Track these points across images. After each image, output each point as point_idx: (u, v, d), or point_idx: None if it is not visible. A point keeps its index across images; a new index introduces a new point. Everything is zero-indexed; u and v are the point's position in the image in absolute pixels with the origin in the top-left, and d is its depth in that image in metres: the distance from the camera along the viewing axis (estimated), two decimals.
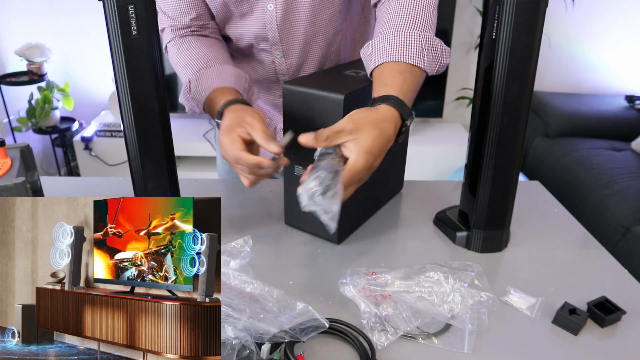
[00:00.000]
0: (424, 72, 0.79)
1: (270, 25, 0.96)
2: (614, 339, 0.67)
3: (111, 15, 0.66)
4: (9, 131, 2.73)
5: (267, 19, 0.95)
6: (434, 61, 0.79)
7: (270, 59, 1.03)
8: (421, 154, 2.64)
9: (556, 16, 2.75)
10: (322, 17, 0.97)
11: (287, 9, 0.94)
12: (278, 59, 1.02)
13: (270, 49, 1.01)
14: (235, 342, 0.56)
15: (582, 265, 0.83)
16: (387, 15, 0.83)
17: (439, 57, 0.80)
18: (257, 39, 0.99)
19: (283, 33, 0.97)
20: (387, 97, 0.72)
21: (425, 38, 0.78)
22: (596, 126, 2.57)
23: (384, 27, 0.81)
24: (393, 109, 0.71)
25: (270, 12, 0.94)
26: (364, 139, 0.66)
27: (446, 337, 0.66)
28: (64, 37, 2.74)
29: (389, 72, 0.76)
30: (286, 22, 0.96)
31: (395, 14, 0.81)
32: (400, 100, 0.72)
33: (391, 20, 0.81)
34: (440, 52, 0.80)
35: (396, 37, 0.78)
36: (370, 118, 0.68)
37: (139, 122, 0.72)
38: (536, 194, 1.08)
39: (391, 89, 0.73)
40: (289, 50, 1.01)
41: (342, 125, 0.67)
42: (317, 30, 0.99)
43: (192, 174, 2.74)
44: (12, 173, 0.75)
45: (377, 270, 0.76)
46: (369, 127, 0.67)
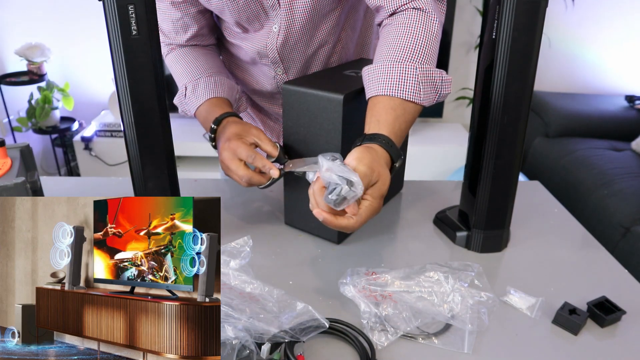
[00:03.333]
0: (420, 105, 0.78)
1: (271, 47, 0.96)
2: (614, 339, 0.67)
3: (111, 15, 0.66)
4: (9, 131, 2.73)
5: (269, 40, 0.96)
6: (432, 94, 0.78)
7: (271, 74, 1.03)
8: (421, 154, 2.64)
9: (556, 16, 2.75)
10: (321, 32, 0.97)
11: (288, 32, 0.93)
12: (279, 75, 1.03)
13: (272, 66, 1.01)
14: (235, 342, 0.56)
15: (582, 265, 0.83)
16: (387, 40, 0.81)
17: (438, 89, 0.78)
18: (259, 55, 1.00)
19: (283, 54, 0.98)
20: (377, 136, 0.72)
21: (424, 71, 0.76)
22: (596, 126, 2.57)
23: (384, 54, 0.79)
24: (383, 149, 0.71)
25: (274, 33, 0.94)
26: (380, 184, 0.69)
27: (446, 337, 0.66)
28: (64, 37, 2.74)
29: (382, 107, 0.75)
30: (287, 45, 0.96)
31: (396, 42, 0.79)
32: (390, 142, 0.72)
33: (391, 49, 0.79)
34: (440, 84, 0.78)
35: (393, 68, 0.76)
36: (378, 161, 0.69)
37: (139, 122, 0.72)
38: (536, 194, 1.08)
39: (383, 127, 0.73)
40: (290, 68, 1.01)
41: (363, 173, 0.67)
42: (317, 46, 0.99)
43: (192, 174, 2.73)
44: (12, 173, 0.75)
45: (377, 270, 0.76)
46: (384, 171, 0.69)
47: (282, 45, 0.96)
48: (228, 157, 0.83)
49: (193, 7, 0.96)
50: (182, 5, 0.95)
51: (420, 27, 0.79)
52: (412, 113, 0.77)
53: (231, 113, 0.92)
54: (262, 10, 0.91)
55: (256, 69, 1.06)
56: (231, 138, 0.84)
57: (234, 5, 0.90)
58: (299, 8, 0.90)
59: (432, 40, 0.79)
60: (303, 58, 1.00)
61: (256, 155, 0.82)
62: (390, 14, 0.84)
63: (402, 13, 0.82)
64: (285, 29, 0.93)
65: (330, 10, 0.94)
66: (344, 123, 0.78)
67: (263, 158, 0.83)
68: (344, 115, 0.77)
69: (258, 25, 0.95)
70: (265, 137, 0.85)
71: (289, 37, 0.95)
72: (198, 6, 0.95)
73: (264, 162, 0.82)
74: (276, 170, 0.82)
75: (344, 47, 1.03)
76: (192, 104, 0.97)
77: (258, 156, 0.82)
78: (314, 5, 0.90)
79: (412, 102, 0.76)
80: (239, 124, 0.88)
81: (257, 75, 1.07)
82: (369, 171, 0.66)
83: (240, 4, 0.89)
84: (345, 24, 1.00)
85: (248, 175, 0.82)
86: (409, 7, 0.81)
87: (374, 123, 0.74)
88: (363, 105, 0.82)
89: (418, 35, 0.78)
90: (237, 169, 0.82)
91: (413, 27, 0.79)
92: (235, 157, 0.83)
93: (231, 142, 0.83)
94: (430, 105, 0.80)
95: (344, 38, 1.02)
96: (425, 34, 0.79)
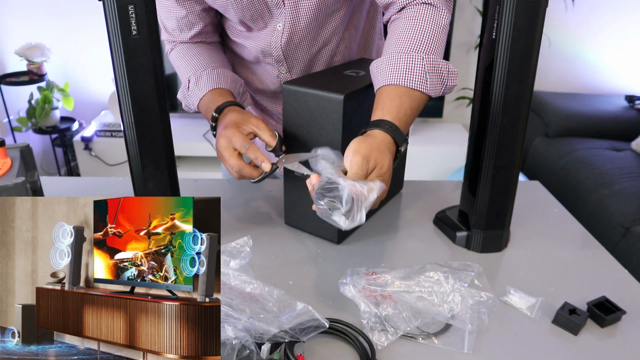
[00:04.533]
0: (426, 95, 0.78)
1: (275, 45, 0.96)
2: (614, 339, 0.67)
3: (111, 15, 0.66)
4: (9, 131, 2.73)
5: (273, 38, 0.96)
6: (438, 84, 0.78)
7: (275, 72, 1.03)
8: (421, 154, 2.64)
9: (556, 16, 2.75)
10: (325, 32, 0.97)
11: (293, 30, 0.94)
12: (283, 74, 1.03)
13: (275, 65, 1.01)
14: (235, 342, 0.56)
15: (582, 265, 0.83)
16: (395, 33, 0.82)
17: (444, 80, 0.79)
18: (263, 54, 1.00)
19: (287, 53, 0.98)
20: (381, 122, 0.72)
21: (430, 61, 0.77)
22: (596, 126, 2.57)
23: (391, 46, 0.80)
24: (387, 134, 0.71)
25: (278, 31, 0.94)
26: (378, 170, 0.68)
27: (446, 337, 0.66)
28: (64, 37, 2.74)
29: (387, 95, 0.76)
30: (291, 43, 0.96)
31: (404, 34, 0.80)
32: (394, 126, 0.72)
33: (399, 40, 0.80)
34: (446, 75, 0.79)
35: (400, 59, 0.77)
36: (377, 147, 0.69)
37: (139, 122, 0.72)
38: (536, 194, 1.08)
39: (387, 113, 0.73)
40: (294, 67, 1.01)
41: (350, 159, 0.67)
42: (321, 45, 0.99)
43: (192, 174, 2.73)
44: (12, 173, 0.75)
45: (377, 270, 0.76)
46: (382, 157, 0.69)
47: (286, 44, 0.96)
48: (223, 144, 0.82)
49: (198, 5, 0.96)
50: (187, 3, 0.95)
51: (428, 19, 0.80)
52: (418, 102, 0.77)
53: (233, 102, 0.90)
54: (266, 9, 0.91)
55: (260, 68, 1.06)
56: (229, 126, 0.83)
57: (238, 4, 0.89)
58: (304, 6, 0.90)
59: (439, 32, 0.80)
60: (307, 57, 1.00)
61: (250, 146, 0.81)
62: (399, 9, 0.84)
63: (410, 7, 0.83)
64: (289, 27, 0.93)
65: (335, 10, 0.94)
66: (344, 123, 0.78)
67: (257, 150, 0.81)
68: (344, 115, 0.77)
69: (262, 23, 0.95)
70: (264, 126, 0.83)
71: (294, 36, 0.94)
72: (203, 4, 0.96)
73: (257, 154, 0.81)
74: (268, 163, 0.80)
75: (347, 47, 1.03)
76: (194, 96, 0.96)
77: (252, 147, 0.81)
78: (319, 4, 0.90)
79: (419, 91, 0.76)
80: (240, 112, 0.86)
81: (260, 74, 1.07)
82: (364, 161, 0.66)
83: (244, 2, 0.89)
84: (349, 24, 1.01)
85: (239, 166, 0.81)
86: (418, 1, 0.82)
87: (379, 110, 0.75)
88: (363, 105, 0.82)
89: (426, 27, 0.79)
90: (229, 157, 0.81)
91: (421, 19, 0.80)
92: (230, 146, 0.81)
93: (228, 130, 0.82)
94: (437, 96, 0.80)
95: (348, 38, 1.02)
96: (433, 26, 0.79)
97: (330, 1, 0.90)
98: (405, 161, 1.05)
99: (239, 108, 0.89)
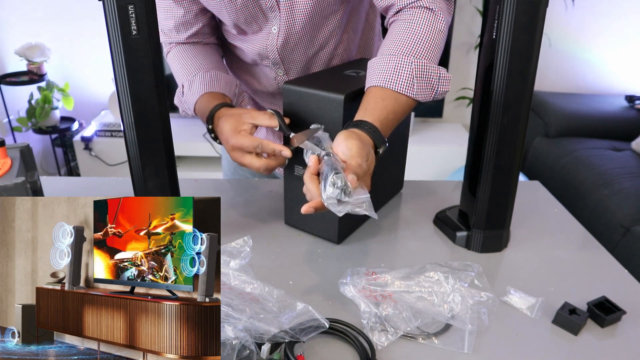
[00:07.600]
0: (413, 100, 0.78)
1: (271, 48, 0.96)
2: (614, 339, 0.67)
3: (111, 15, 0.66)
4: (9, 131, 2.73)
5: (269, 41, 0.96)
6: (427, 89, 0.78)
7: (272, 75, 1.03)
8: (421, 154, 2.64)
9: (556, 16, 2.75)
10: (322, 35, 0.97)
11: (288, 33, 0.93)
12: (280, 76, 1.02)
13: (272, 67, 1.01)
14: (235, 342, 0.56)
15: (582, 265, 0.83)
16: (391, 35, 0.81)
17: (434, 86, 0.78)
18: (260, 57, 1.00)
19: (284, 55, 0.98)
20: (361, 123, 0.72)
21: (420, 66, 0.76)
22: (596, 126, 2.57)
23: (385, 48, 0.80)
24: (367, 135, 0.71)
25: (273, 34, 0.94)
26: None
27: (446, 337, 0.66)
28: (64, 36, 2.74)
29: (372, 96, 0.76)
30: (287, 46, 0.96)
31: (397, 36, 0.79)
32: (374, 128, 0.72)
33: (391, 43, 0.79)
34: (436, 81, 0.78)
35: (389, 61, 0.77)
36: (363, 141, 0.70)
37: (139, 122, 0.72)
38: (536, 194, 1.08)
39: (369, 115, 0.74)
40: (291, 69, 1.01)
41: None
42: (318, 48, 0.99)
43: (192, 174, 2.74)
44: (12, 173, 0.75)
45: (377, 270, 0.76)
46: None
47: (282, 46, 0.96)
48: (238, 156, 0.82)
49: (195, 5, 0.96)
50: (185, 2, 0.95)
51: (424, 23, 0.79)
52: (403, 105, 0.77)
53: (219, 106, 0.88)
54: (260, 12, 0.91)
55: (258, 70, 1.06)
56: (230, 137, 0.83)
57: (231, 6, 0.89)
58: (300, 9, 0.90)
59: (434, 37, 0.79)
60: (304, 59, 1.00)
61: (262, 143, 0.80)
62: (396, 11, 0.84)
63: (407, 10, 0.82)
64: (285, 30, 0.93)
65: (331, 12, 0.94)
66: (345, 123, 0.78)
67: (270, 143, 0.81)
68: (345, 115, 0.77)
69: (256, 27, 0.95)
70: (258, 114, 0.83)
71: (289, 38, 0.94)
72: (200, 4, 0.96)
73: (273, 147, 0.81)
74: (287, 150, 0.80)
75: (345, 49, 1.03)
76: (189, 102, 0.96)
77: (264, 143, 0.81)
78: (314, 7, 0.89)
79: (405, 95, 0.76)
80: (230, 117, 0.85)
81: (258, 76, 1.07)
82: (364, 161, 0.67)
83: (238, 5, 0.89)
84: (347, 26, 1.00)
85: (264, 165, 0.81)
86: (416, 5, 0.81)
87: (362, 111, 0.75)
88: None
89: (420, 31, 0.79)
90: (251, 163, 0.81)
91: (417, 23, 0.79)
92: (245, 153, 0.82)
93: (231, 140, 0.82)
94: (427, 101, 0.80)
95: (346, 40, 1.02)
96: (428, 31, 0.79)
97: (326, 4, 0.90)
98: (405, 161, 1.06)
99: (226, 111, 0.87)
